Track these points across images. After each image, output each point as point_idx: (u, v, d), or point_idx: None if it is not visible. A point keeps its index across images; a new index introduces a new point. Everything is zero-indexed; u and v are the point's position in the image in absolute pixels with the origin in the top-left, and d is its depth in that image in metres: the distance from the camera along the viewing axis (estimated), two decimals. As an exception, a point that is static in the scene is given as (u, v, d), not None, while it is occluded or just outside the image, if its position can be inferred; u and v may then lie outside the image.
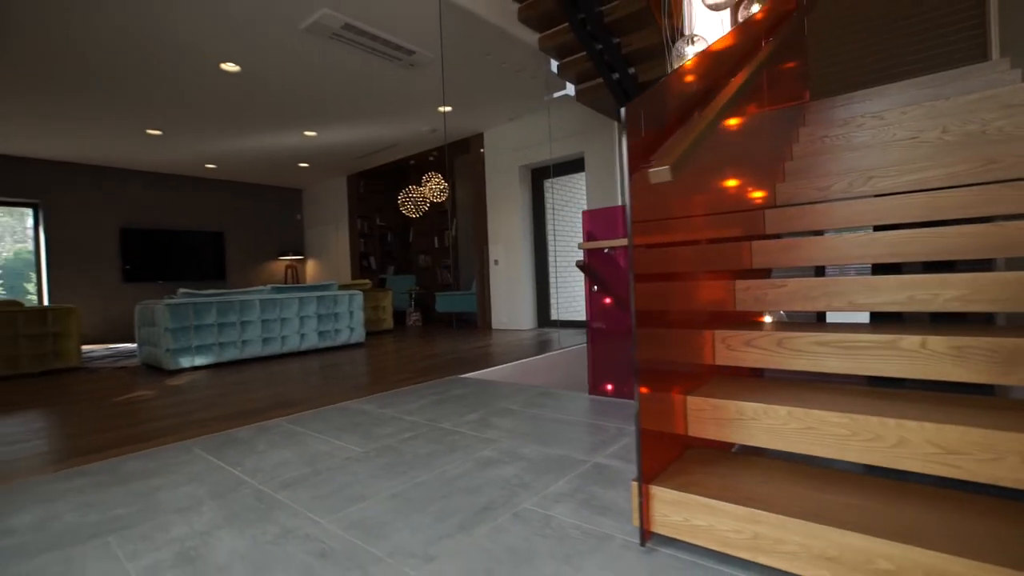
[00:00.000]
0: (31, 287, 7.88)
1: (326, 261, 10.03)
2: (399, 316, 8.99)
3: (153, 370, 4.53)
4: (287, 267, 10.19)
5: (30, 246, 7.72)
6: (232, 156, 7.72)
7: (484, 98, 5.88)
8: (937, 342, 1.33)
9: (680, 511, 1.19)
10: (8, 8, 3.57)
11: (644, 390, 1.26)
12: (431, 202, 7.72)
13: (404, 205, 7.58)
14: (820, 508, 1.12)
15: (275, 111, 5.89)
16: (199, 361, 4.46)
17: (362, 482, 1.73)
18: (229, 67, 4.69)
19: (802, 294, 1.77)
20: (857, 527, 1.03)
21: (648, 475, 1.25)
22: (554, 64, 4.73)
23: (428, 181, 7.78)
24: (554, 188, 6.76)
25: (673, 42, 3.44)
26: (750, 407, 1.35)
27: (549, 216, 6.83)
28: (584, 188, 6.21)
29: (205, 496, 1.66)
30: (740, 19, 3.29)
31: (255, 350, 4.83)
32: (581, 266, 3.16)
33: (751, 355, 1.62)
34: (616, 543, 1.25)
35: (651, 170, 1.15)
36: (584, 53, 4.31)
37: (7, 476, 1.95)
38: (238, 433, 2.39)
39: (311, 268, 10.42)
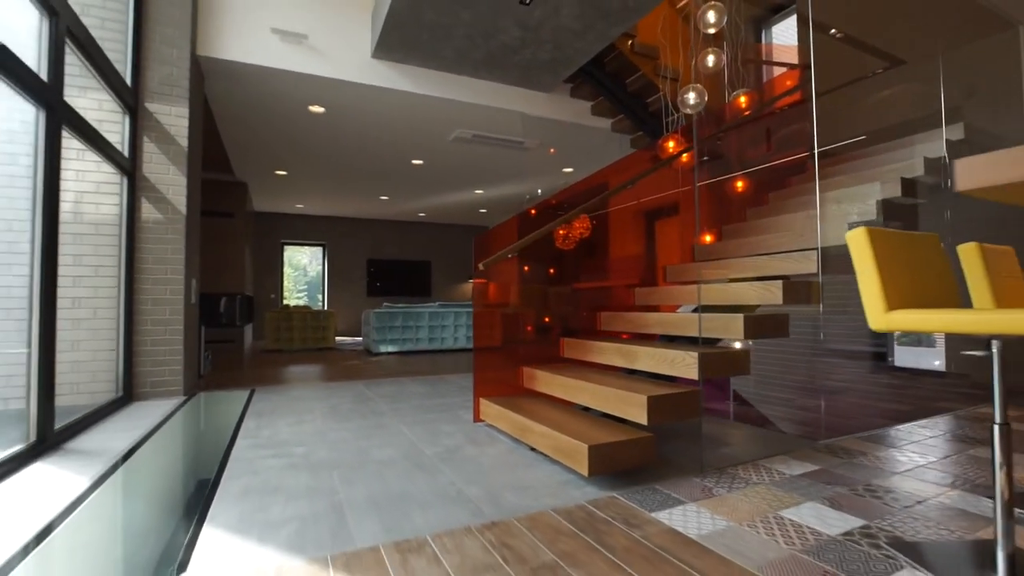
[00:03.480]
0: (319, 296, 12.19)
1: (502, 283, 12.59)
2: (548, 330, 10.91)
3: (366, 352, 7.36)
4: (474, 287, 13.09)
5: (321, 270, 12.00)
6: (433, 207, 10.78)
7: (588, 162, 7.46)
8: (628, 349, 2.65)
9: (487, 409, 2.81)
10: (322, 148, 6.69)
11: (482, 363, 2.91)
12: (580, 238, 9.51)
13: (557, 240, 9.53)
14: (540, 415, 2.61)
15: (451, 181, 8.49)
16: (390, 349, 7.11)
17: (411, 398, 3.67)
18: (417, 162, 7.33)
19: (628, 322, 3.10)
20: (539, 421, 2.52)
21: (481, 394, 2.90)
22: (628, 139, 6.12)
23: (575, 220, 9.59)
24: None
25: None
26: (539, 373, 2.86)
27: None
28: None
29: (350, 396, 3.82)
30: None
31: (424, 345, 7.32)
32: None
33: (576, 353, 3.06)
34: (468, 423, 2.92)
35: (479, 264, 2.83)
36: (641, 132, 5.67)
37: (317, 381, 4.46)
38: (380, 381, 4.61)
39: (493, 288, 13.12)
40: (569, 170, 7.96)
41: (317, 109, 5.34)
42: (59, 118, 2.49)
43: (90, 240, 3.47)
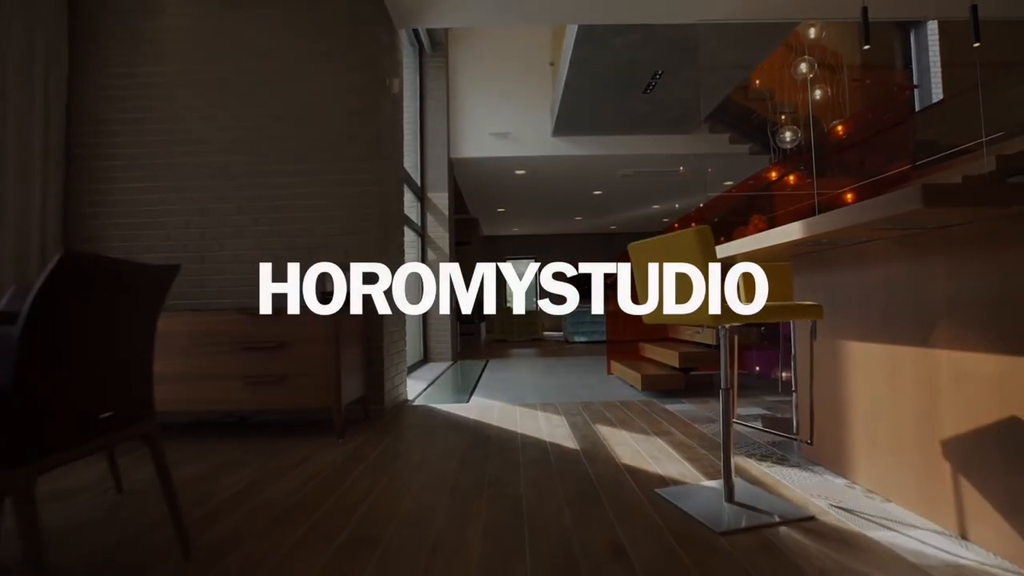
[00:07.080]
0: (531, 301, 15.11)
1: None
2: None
3: (564, 341, 9.65)
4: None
5: (532, 280, 14.91)
6: (620, 221, 12.62)
7: (742, 174, 8.38)
8: (691, 329, 4.21)
9: (614, 365, 4.66)
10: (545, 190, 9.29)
11: (612, 340, 4.78)
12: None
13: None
14: (645, 368, 4.37)
15: (628, 203, 10.26)
16: (580, 339, 9.26)
17: (579, 365, 5.71)
18: (597, 192, 9.34)
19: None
20: (632, 368, 4.29)
21: (612, 356, 4.75)
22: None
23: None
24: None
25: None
26: (645, 345, 4.59)
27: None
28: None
29: (543, 364, 6.06)
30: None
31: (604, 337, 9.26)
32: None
33: (675, 333, 4.68)
34: (603, 374, 4.81)
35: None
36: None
37: (525, 357, 6.93)
38: (565, 357, 6.76)
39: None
40: (729, 183, 8.96)
41: (520, 171, 7.81)
42: (402, 222, 5.27)
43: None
